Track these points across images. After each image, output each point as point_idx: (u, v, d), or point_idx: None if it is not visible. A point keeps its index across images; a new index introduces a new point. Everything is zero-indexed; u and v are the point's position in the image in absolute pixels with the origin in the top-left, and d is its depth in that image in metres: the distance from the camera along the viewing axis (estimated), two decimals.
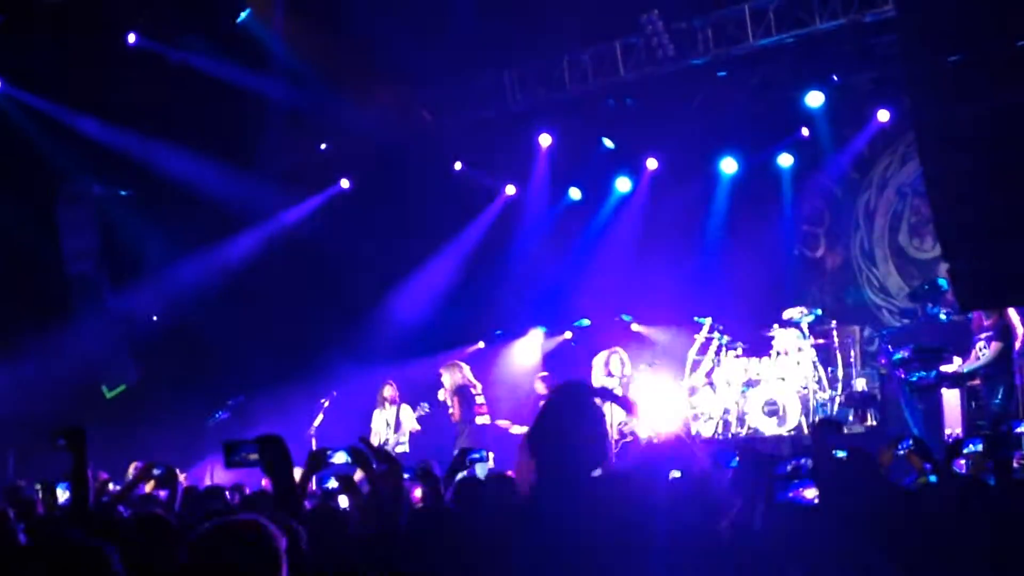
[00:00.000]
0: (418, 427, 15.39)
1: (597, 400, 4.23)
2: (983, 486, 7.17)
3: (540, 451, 4.06)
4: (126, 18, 16.10)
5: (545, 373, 16.15)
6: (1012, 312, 12.21)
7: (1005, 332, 12.23)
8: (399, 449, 15.12)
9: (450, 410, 15.15)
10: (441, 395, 15.34)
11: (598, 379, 14.96)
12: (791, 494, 5.59)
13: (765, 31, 15.16)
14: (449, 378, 15.31)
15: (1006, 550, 5.71)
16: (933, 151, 10.66)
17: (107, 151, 16.90)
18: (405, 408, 15.57)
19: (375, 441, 15.20)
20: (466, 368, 15.57)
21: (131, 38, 16.25)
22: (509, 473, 8.47)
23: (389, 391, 15.67)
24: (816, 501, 5.48)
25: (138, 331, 18.26)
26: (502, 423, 15.40)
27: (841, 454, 6.78)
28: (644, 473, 4.38)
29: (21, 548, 5.08)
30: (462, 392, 15.18)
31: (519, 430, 15.08)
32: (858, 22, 14.62)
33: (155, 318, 18.62)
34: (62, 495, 8.17)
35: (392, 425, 15.48)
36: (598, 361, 15.23)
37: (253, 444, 4.81)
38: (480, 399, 15.31)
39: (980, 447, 7.75)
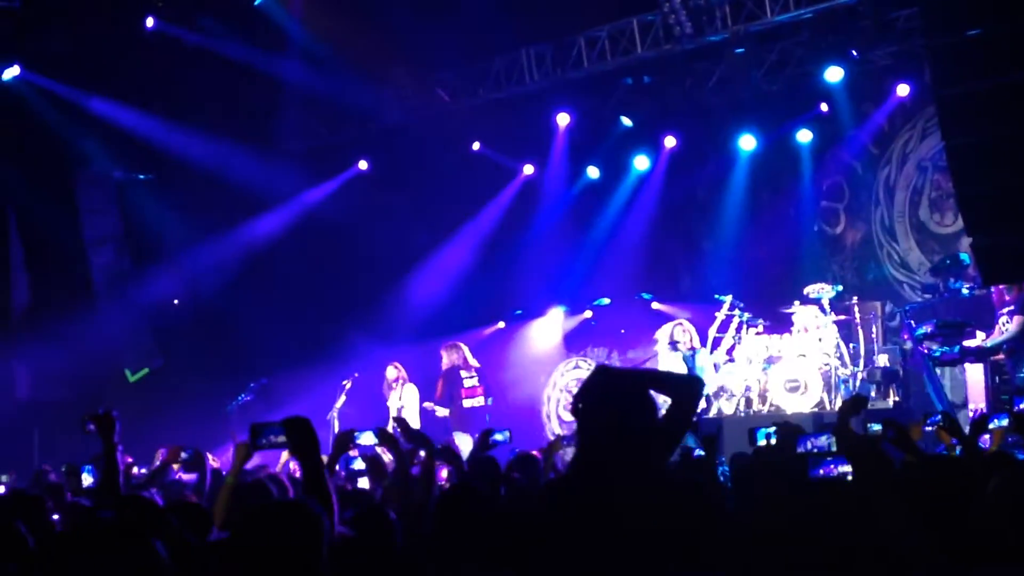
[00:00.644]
0: (426, 405, 15.40)
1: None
2: (1011, 460, 7.16)
3: (596, 435, 3.99)
4: (144, 1, 16.11)
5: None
6: None
7: None
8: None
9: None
10: None
11: (663, 351, 14.92)
12: (822, 471, 5.57)
13: (783, 7, 15.08)
14: (446, 358, 15.45)
15: None
16: (954, 125, 10.64)
17: (126, 135, 16.94)
18: (409, 387, 15.62)
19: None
20: (465, 349, 15.63)
21: (149, 22, 16.25)
22: (535, 453, 8.52)
23: (393, 372, 15.73)
24: (850, 478, 5.47)
25: (160, 315, 18.33)
26: (427, 405, 15.37)
27: (876, 427, 6.78)
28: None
29: (62, 536, 5.11)
30: (450, 373, 15.29)
31: (443, 412, 15.17)
32: None
33: (176, 302, 18.70)
34: (87, 479, 8.22)
35: (395, 409, 15.57)
36: (662, 333, 15.16)
37: (280, 426, 4.80)
38: (470, 382, 15.34)
39: (1006, 422, 7.75)
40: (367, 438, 6.67)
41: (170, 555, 3.36)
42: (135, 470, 11.50)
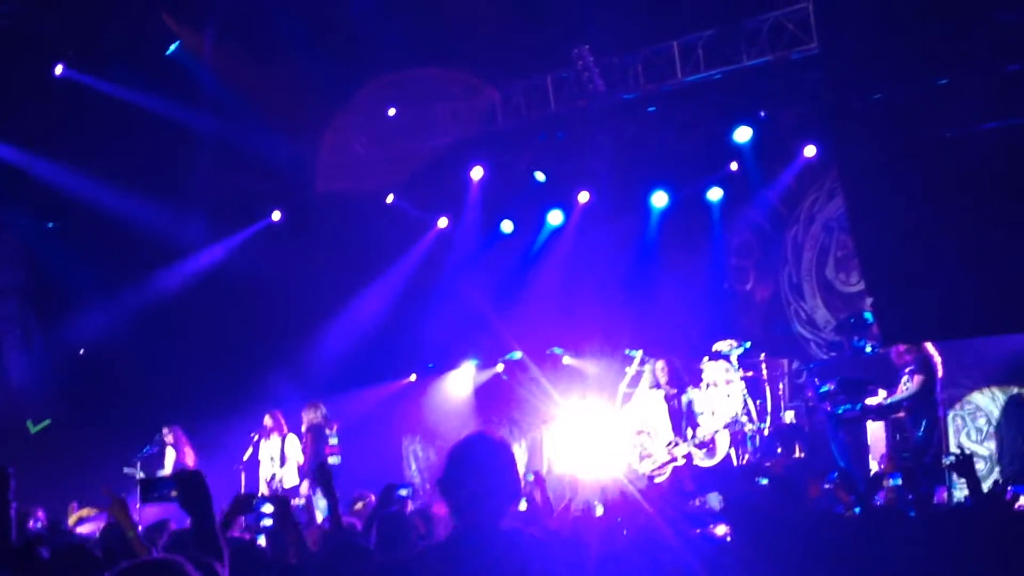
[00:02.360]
0: (302, 459, 15.30)
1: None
2: (902, 518, 7.28)
3: (449, 498, 4.10)
4: (54, 48, 15.93)
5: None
6: (930, 346, 12.38)
7: (926, 365, 12.38)
8: (286, 483, 15.15)
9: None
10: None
11: (643, 392, 14.80)
12: (698, 531, 5.64)
13: (694, 67, 15.37)
14: (306, 417, 15.40)
15: None
16: (855, 187, 10.85)
17: (34, 182, 16.68)
18: (291, 438, 15.52)
19: (263, 475, 15.30)
20: (323, 408, 15.58)
21: (58, 69, 16.08)
22: (435, 510, 8.48)
23: (270, 420, 15.64)
24: (728, 539, 5.53)
25: (64, 365, 18.01)
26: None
27: (764, 482, 6.87)
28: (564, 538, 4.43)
29: None
30: (315, 431, 15.24)
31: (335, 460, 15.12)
32: (785, 59, 14.85)
33: (81, 352, 18.38)
34: None
35: (277, 459, 15.47)
36: (645, 374, 15.04)
37: (172, 480, 4.72)
38: (333, 440, 15.32)
39: (899, 481, 7.88)
40: (268, 508, 6.64)
41: None
42: (31, 523, 11.29)
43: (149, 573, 3.51)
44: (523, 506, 7.90)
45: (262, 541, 7.94)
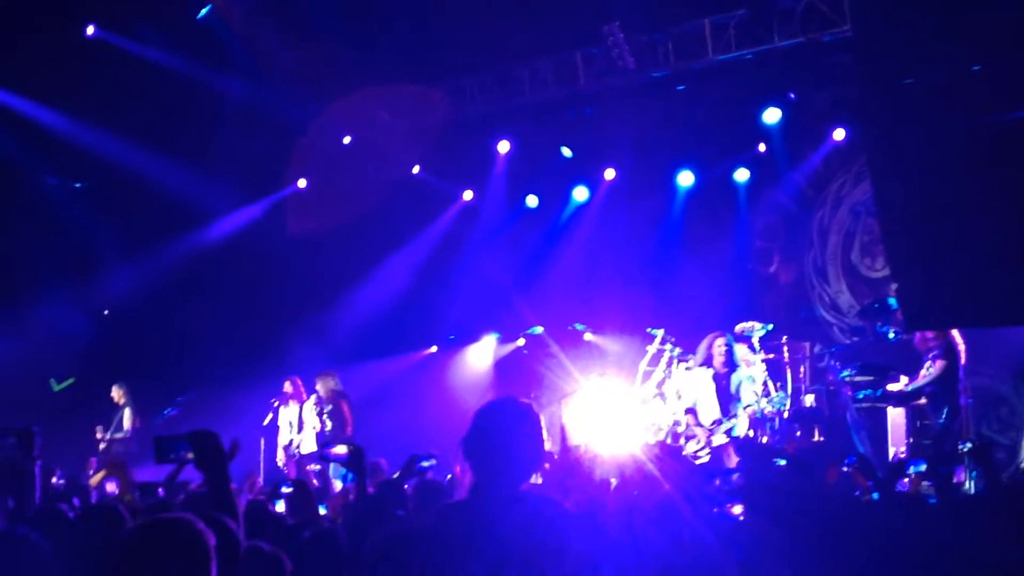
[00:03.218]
0: (319, 425, 15.33)
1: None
2: (923, 505, 7.25)
3: (473, 459, 4.10)
4: (85, 8, 15.96)
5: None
6: (955, 332, 12.31)
7: (949, 351, 12.31)
8: (304, 449, 15.21)
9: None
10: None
11: (691, 370, 14.54)
12: (716, 510, 5.64)
13: (725, 47, 15.28)
14: (324, 385, 15.35)
15: (943, 569, 5.78)
16: (883, 172, 10.78)
17: (61, 142, 16.74)
18: (308, 405, 15.56)
19: (281, 441, 15.38)
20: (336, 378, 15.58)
21: (89, 29, 16.11)
22: (457, 472, 8.50)
23: (289, 386, 15.68)
24: (742, 518, 5.53)
25: (89, 325, 18.11)
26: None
27: (781, 462, 6.86)
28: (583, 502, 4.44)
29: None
30: (344, 399, 15.24)
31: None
32: (816, 41, 14.75)
33: (106, 312, 18.48)
34: None
35: (295, 424, 15.53)
36: (701, 348, 14.72)
37: (186, 440, 4.70)
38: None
39: (923, 467, 7.84)
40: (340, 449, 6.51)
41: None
42: (54, 480, 11.39)
43: (161, 530, 3.55)
44: (537, 479, 7.91)
45: (280, 507, 7.99)
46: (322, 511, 8.80)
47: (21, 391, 16.03)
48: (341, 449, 5.98)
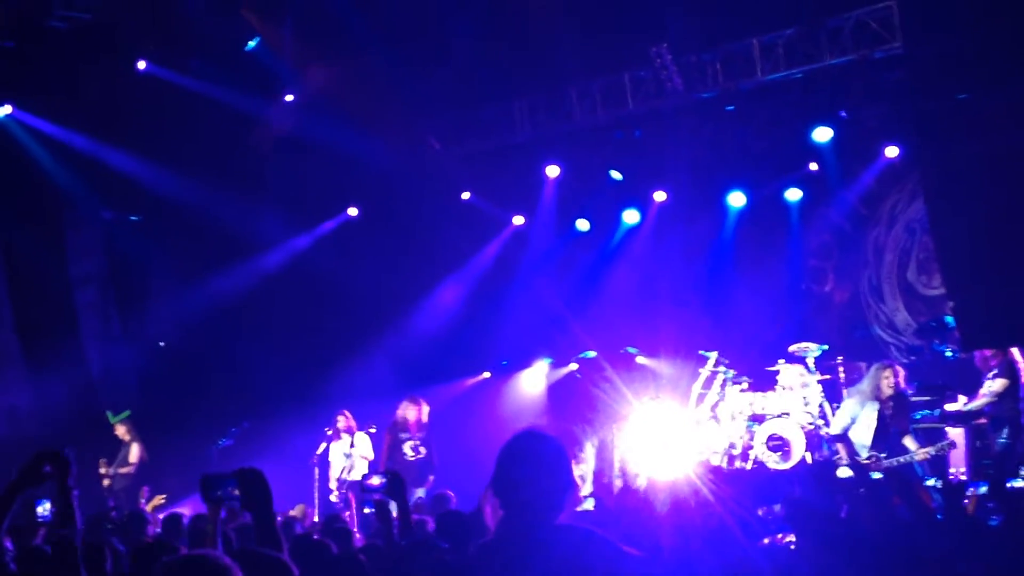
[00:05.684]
0: (371, 455, 15.23)
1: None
2: (983, 528, 7.13)
3: (502, 496, 4.07)
4: (136, 44, 16.16)
5: None
6: (1015, 351, 12.08)
7: (1010, 370, 12.08)
8: (354, 475, 15.10)
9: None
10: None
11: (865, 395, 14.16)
12: (766, 540, 5.55)
13: (774, 66, 15.23)
14: (413, 412, 15.10)
15: None
16: (938, 188, 10.67)
17: (115, 176, 16.93)
18: (360, 435, 15.48)
19: (333, 474, 15.27)
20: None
21: (141, 64, 16.32)
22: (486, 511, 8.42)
23: (343, 421, 15.58)
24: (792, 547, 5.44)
25: (144, 356, 18.26)
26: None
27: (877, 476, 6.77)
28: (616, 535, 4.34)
29: None
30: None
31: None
32: (867, 58, 14.67)
33: (162, 344, 18.63)
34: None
35: (349, 458, 15.46)
36: (869, 378, 14.25)
37: (232, 478, 4.76)
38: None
39: (984, 489, 7.71)
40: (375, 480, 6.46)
41: None
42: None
43: (187, 567, 3.57)
44: (590, 505, 7.84)
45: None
46: None
47: (79, 424, 16.20)
48: (376, 480, 5.92)
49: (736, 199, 17.18)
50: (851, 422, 12.56)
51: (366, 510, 14.08)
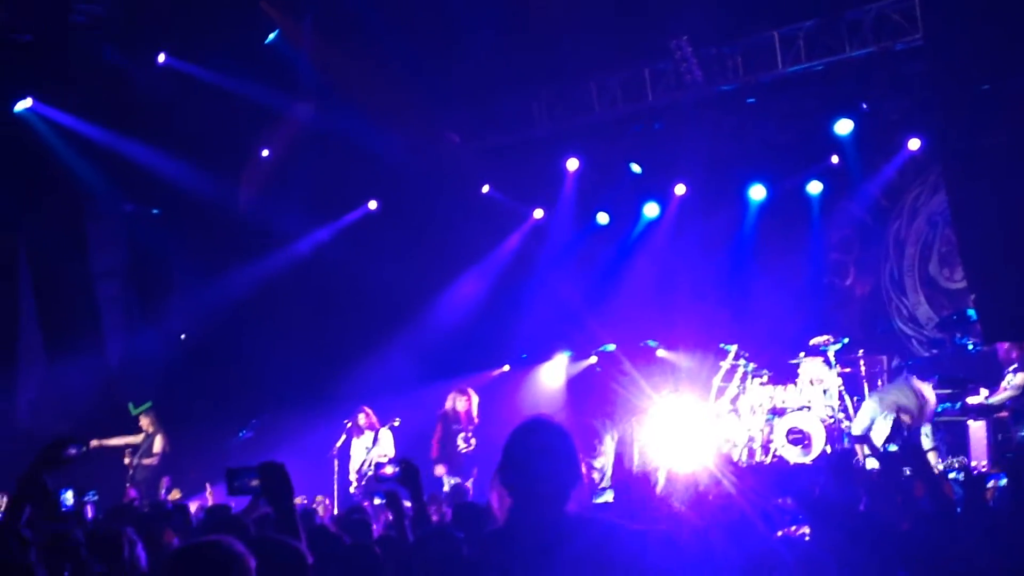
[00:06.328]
0: (392, 453, 15.22)
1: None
2: (999, 518, 7.09)
3: (510, 484, 4.08)
4: (156, 37, 16.20)
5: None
6: None
7: None
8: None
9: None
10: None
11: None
12: (780, 532, 5.53)
13: (795, 58, 15.14)
14: (463, 403, 15.18)
15: None
16: (960, 180, 10.61)
17: (136, 169, 16.98)
18: (384, 432, 15.48)
19: (353, 465, 15.30)
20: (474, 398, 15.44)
21: (160, 57, 16.36)
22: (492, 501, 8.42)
23: (364, 419, 15.58)
24: (807, 539, 5.42)
25: (166, 349, 18.33)
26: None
27: (953, 476, 6.74)
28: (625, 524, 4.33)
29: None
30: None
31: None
32: (888, 50, 14.57)
33: (183, 336, 18.69)
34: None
35: (369, 454, 15.46)
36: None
37: (255, 471, 4.84)
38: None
39: (1004, 481, 7.67)
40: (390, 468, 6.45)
41: None
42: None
43: (200, 552, 3.63)
44: (610, 497, 7.83)
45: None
46: None
47: (102, 415, 16.28)
48: (389, 470, 5.92)
49: (757, 192, 17.13)
50: (870, 423, 12.63)
51: (376, 500, 14.14)
